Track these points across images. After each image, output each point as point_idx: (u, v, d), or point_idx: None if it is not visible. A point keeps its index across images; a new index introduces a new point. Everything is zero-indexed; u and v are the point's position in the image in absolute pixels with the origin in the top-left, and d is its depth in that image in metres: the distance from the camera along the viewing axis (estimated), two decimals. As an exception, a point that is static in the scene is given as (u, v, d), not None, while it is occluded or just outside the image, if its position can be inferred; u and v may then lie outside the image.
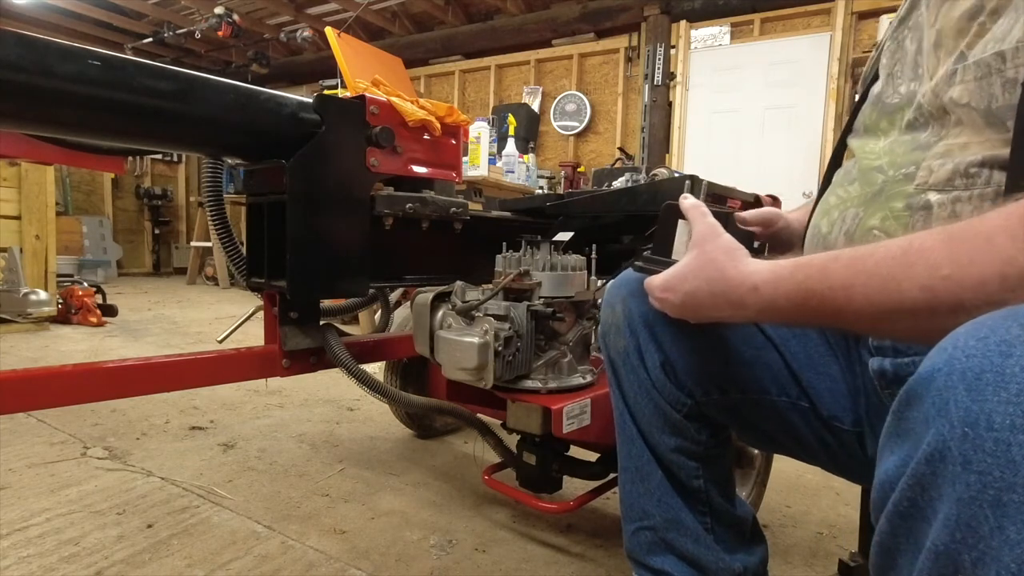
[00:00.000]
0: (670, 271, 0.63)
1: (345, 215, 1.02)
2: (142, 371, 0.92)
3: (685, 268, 0.61)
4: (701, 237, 0.61)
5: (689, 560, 0.77)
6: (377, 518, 1.27)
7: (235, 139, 0.96)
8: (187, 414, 1.91)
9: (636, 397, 0.78)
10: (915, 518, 0.37)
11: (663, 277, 0.63)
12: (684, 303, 0.61)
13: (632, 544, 0.81)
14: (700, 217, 0.64)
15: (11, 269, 3.09)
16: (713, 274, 0.58)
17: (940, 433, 0.34)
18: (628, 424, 0.79)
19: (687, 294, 0.60)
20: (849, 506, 1.43)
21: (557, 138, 5.34)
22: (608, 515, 1.34)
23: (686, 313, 0.62)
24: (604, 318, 0.80)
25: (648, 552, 0.79)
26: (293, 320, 1.08)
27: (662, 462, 0.77)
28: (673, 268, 0.62)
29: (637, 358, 0.76)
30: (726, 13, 4.42)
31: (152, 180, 7.70)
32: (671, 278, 0.62)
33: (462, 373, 0.95)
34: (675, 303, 0.62)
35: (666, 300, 0.63)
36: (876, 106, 0.69)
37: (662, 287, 0.63)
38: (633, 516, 0.80)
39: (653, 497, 0.78)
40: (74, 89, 0.73)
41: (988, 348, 0.34)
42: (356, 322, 3.30)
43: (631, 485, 0.80)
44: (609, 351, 0.80)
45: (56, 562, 1.05)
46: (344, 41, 2.61)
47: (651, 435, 0.77)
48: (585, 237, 1.39)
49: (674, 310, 0.63)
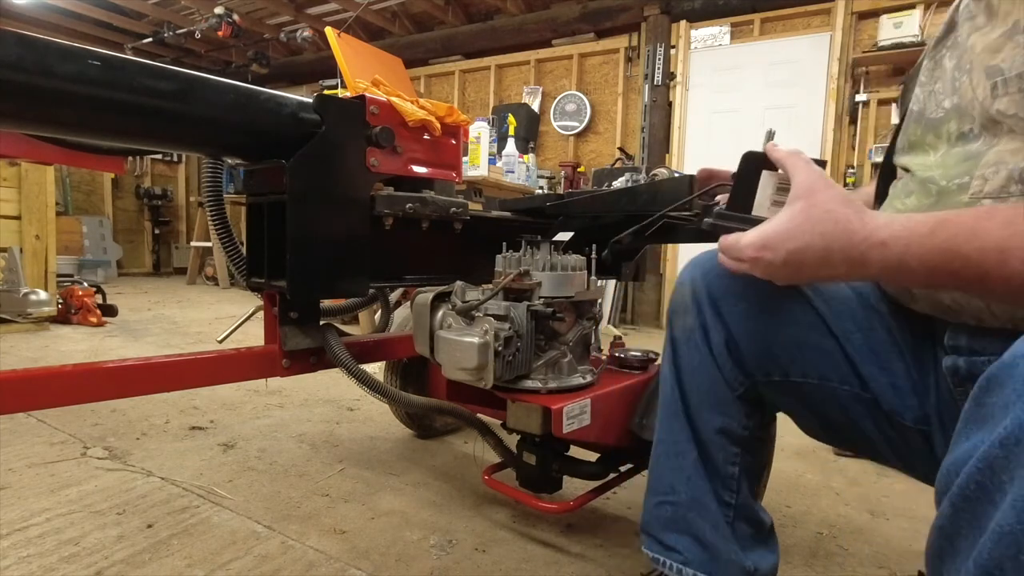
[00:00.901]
0: (767, 227, 0.56)
1: (345, 215, 1.02)
2: (142, 371, 0.92)
3: (790, 222, 0.55)
4: (808, 187, 0.55)
5: (703, 544, 0.78)
6: (377, 518, 1.27)
7: (235, 139, 0.96)
8: (187, 414, 1.91)
9: (692, 374, 0.79)
10: (981, 500, 0.37)
11: (758, 234, 0.56)
12: (787, 261, 0.55)
13: (650, 516, 0.83)
14: (803, 165, 0.57)
15: (11, 269, 3.09)
16: (830, 228, 0.53)
17: (1018, 417, 0.35)
18: (676, 401, 0.81)
19: (792, 252, 0.54)
20: (849, 506, 1.43)
21: (557, 138, 5.34)
22: (608, 515, 1.34)
23: (784, 273, 0.57)
24: (674, 297, 0.83)
25: (664, 527, 0.81)
26: (293, 320, 1.08)
27: (701, 443, 0.79)
28: (772, 223, 0.56)
29: (701, 335, 0.77)
30: (726, 13, 4.41)
31: (152, 180, 7.70)
32: (770, 235, 0.55)
33: (462, 373, 0.95)
34: (774, 262, 0.56)
35: (761, 260, 0.56)
36: (920, 123, 0.68)
37: (758, 245, 0.56)
38: (659, 490, 0.82)
39: (683, 474, 0.79)
40: (74, 89, 0.73)
41: None
42: (356, 322, 3.30)
43: (664, 459, 0.82)
44: (673, 330, 0.82)
45: (56, 562, 1.05)
46: (344, 41, 2.61)
47: (698, 414, 0.79)
48: (585, 237, 1.39)
49: (769, 270, 0.57)
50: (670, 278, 4.62)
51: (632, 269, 1.50)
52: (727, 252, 0.60)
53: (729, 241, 0.60)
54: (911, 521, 1.37)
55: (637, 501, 1.40)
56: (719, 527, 0.78)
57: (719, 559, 0.78)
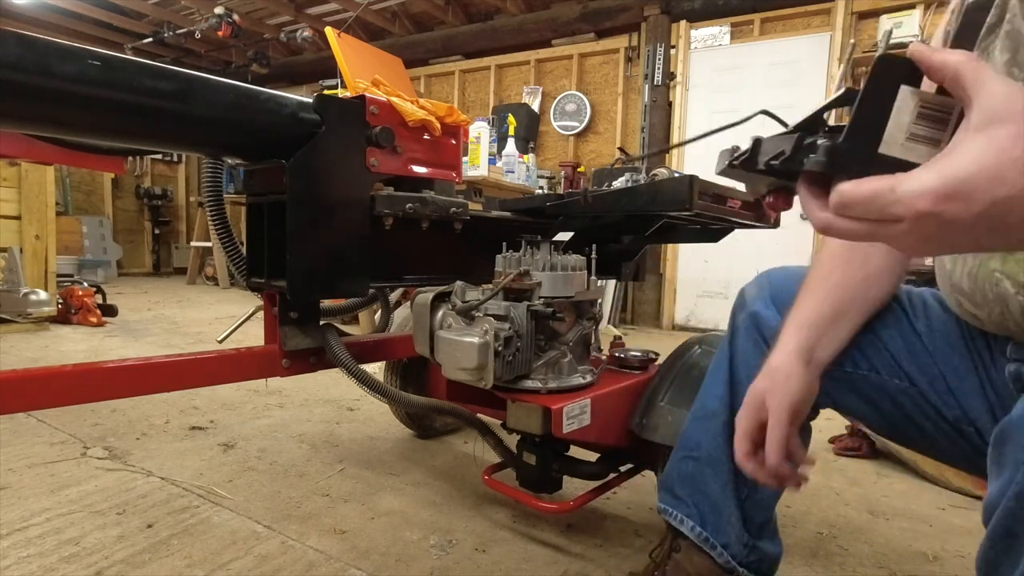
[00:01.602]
0: (953, 164, 0.37)
1: (345, 215, 1.02)
2: (142, 371, 0.92)
3: (997, 156, 0.36)
4: (1018, 107, 0.36)
5: (710, 500, 0.83)
6: (377, 518, 1.27)
7: (235, 139, 0.96)
8: (187, 414, 1.91)
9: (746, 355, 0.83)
10: (1012, 540, 0.41)
11: (938, 176, 0.37)
12: (985, 216, 0.36)
13: (671, 470, 0.88)
14: (992, 74, 0.38)
15: (11, 269, 3.09)
16: None
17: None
18: (724, 373, 0.86)
19: (995, 203, 0.36)
20: (849, 506, 1.43)
21: (557, 138, 5.34)
22: (608, 515, 1.34)
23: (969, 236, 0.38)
24: (740, 296, 0.87)
25: (681, 481, 0.86)
26: (293, 320, 1.08)
27: (734, 411, 0.80)
28: (960, 159, 0.37)
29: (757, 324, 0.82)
30: (726, 13, 4.41)
31: (152, 180, 7.70)
32: (964, 175, 0.36)
33: (462, 373, 0.95)
34: (961, 219, 0.37)
35: (941, 215, 0.37)
36: None
37: (941, 192, 0.36)
38: (686, 447, 0.87)
39: (710, 433, 0.84)
40: (74, 89, 0.73)
41: None
42: (356, 322, 3.30)
43: (697, 421, 0.87)
44: (735, 320, 0.86)
45: (56, 562, 1.05)
46: (344, 41, 2.61)
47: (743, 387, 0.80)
48: (585, 237, 1.39)
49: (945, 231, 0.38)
50: (670, 278, 4.62)
51: (632, 269, 1.50)
52: (865, 205, 0.39)
53: (873, 188, 0.39)
54: (911, 521, 1.37)
55: (637, 501, 1.40)
56: (726, 489, 0.82)
57: (720, 517, 0.82)
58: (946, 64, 0.39)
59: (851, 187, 0.40)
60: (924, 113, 0.41)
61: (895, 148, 0.41)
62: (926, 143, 0.41)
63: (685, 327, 4.60)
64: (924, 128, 0.41)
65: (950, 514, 1.42)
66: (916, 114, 0.41)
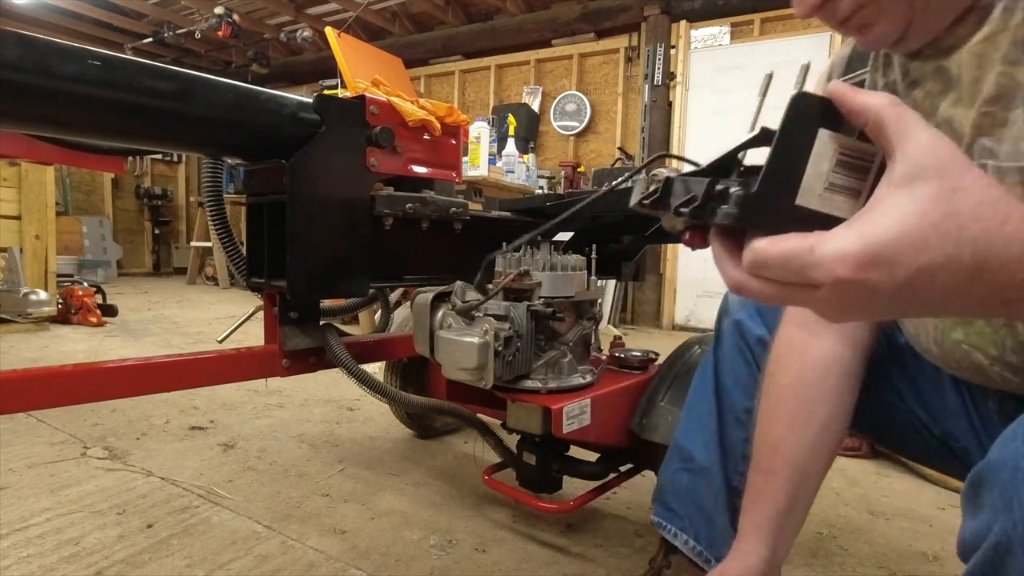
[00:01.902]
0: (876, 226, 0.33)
1: (345, 215, 1.02)
2: (142, 371, 0.92)
3: (920, 219, 0.32)
4: (942, 160, 0.33)
5: (704, 513, 0.83)
6: (377, 518, 1.27)
7: (235, 139, 0.96)
8: (187, 414, 1.91)
9: (730, 362, 0.83)
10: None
11: (860, 240, 0.33)
12: (909, 285, 0.33)
13: (666, 482, 0.88)
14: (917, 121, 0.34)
15: (11, 269, 3.09)
16: (990, 234, 0.32)
17: (1005, 528, 0.38)
18: (710, 381, 0.86)
19: (919, 271, 0.33)
20: (849, 506, 1.43)
21: (557, 138, 5.34)
22: (608, 515, 1.34)
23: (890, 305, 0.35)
24: (724, 301, 0.87)
25: (675, 494, 0.86)
26: (293, 320, 1.08)
27: (723, 419, 0.84)
28: (883, 221, 0.33)
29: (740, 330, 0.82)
30: (726, 13, 4.41)
31: (152, 180, 7.70)
32: (888, 240, 0.32)
33: (462, 373, 0.95)
34: (884, 287, 0.33)
35: (863, 283, 0.33)
36: None
37: (865, 258, 0.33)
38: (680, 457, 0.87)
39: (702, 444, 0.85)
40: (74, 89, 0.73)
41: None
42: (356, 322, 3.30)
43: (688, 433, 0.87)
44: (720, 325, 0.86)
45: (56, 562, 1.05)
46: (344, 41, 2.61)
47: (729, 395, 0.83)
48: (585, 237, 1.39)
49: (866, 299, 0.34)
50: (670, 278, 4.62)
51: (632, 269, 1.50)
52: (780, 267, 0.35)
53: (789, 249, 0.35)
54: (911, 521, 1.37)
55: (637, 501, 1.40)
56: (720, 500, 0.82)
57: (714, 530, 0.82)
58: (867, 108, 0.35)
59: (766, 245, 0.36)
60: (844, 161, 0.37)
61: (813, 199, 0.37)
62: (846, 194, 0.37)
63: (685, 327, 4.60)
64: (844, 177, 0.37)
65: (950, 514, 1.42)
66: (835, 161, 0.37)
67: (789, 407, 0.70)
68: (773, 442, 0.70)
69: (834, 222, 0.36)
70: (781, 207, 0.37)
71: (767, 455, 0.70)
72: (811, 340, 0.70)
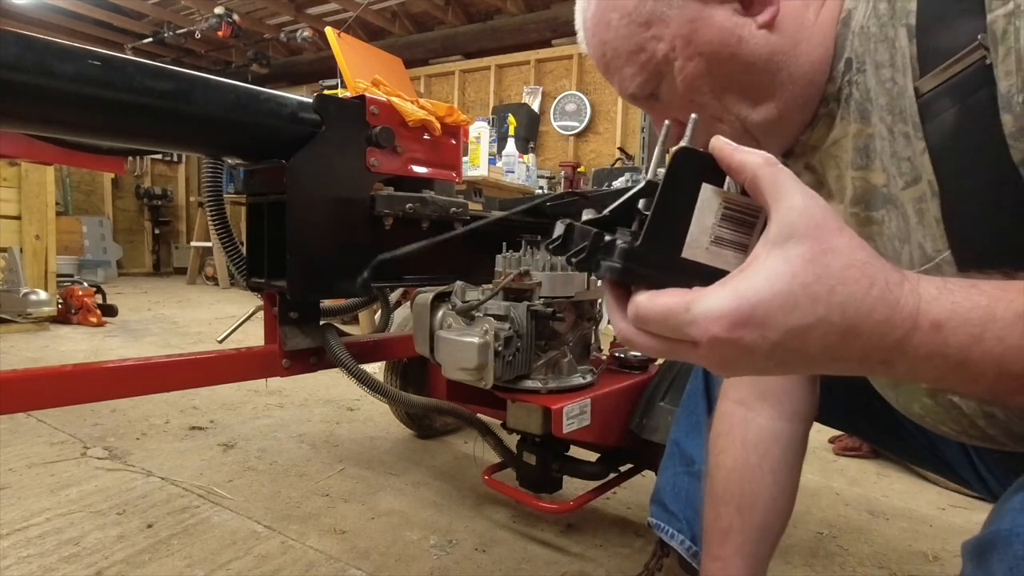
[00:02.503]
0: (748, 285, 0.33)
1: (345, 215, 1.02)
2: (142, 371, 0.92)
3: (791, 281, 0.33)
4: (813, 222, 0.34)
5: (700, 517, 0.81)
6: (377, 518, 1.27)
7: (235, 139, 0.96)
8: (187, 414, 1.91)
9: None
10: None
11: (733, 299, 0.33)
12: (780, 346, 0.34)
13: (665, 484, 0.88)
14: (793, 183, 0.35)
15: (11, 269, 3.09)
16: (859, 296, 0.33)
17: None
18: (699, 383, 0.86)
19: (793, 332, 0.33)
20: (849, 506, 1.44)
21: (557, 138, 5.34)
22: (608, 515, 1.34)
23: (765, 364, 0.35)
24: None
25: (675, 496, 0.86)
26: (293, 320, 1.08)
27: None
28: (755, 281, 0.33)
29: None
30: (726, 13, 4.42)
31: (152, 180, 7.70)
32: (758, 300, 0.33)
33: (462, 373, 0.95)
34: (758, 347, 0.34)
35: (737, 342, 0.34)
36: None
37: (736, 318, 0.33)
38: (682, 460, 0.87)
39: (700, 446, 0.83)
40: (74, 89, 0.73)
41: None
42: (356, 322, 3.30)
43: (688, 436, 0.87)
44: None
45: (56, 562, 1.05)
46: (344, 41, 2.61)
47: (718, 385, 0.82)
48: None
49: (741, 358, 0.35)
50: (670, 278, 4.61)
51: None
52: (660, 322, 0.35)
53: (667, 306, 0.35)
54: (911, 521, 1.37)
55: (637, 501, 1.40)
56: None
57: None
58: (744, 166, 0.35)
59: (645, 300, 0.36)
60: (728, 215, 0.37)
61: (699, 253, 0.37)
62: (732, 248, 0.37)
63: None
64: (729, 232, 0.37)
65: (950, 514, 1.42)
66: (720, 216, 0.37)
67: (735, 492, 0.69)
68: (724, 528, 0.70)
69: (721, 275, 0.36)
70: (666, 260, 0.36)
71: (718, 542, 0.70)
72: (749, 416, 0.70)
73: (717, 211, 0.37)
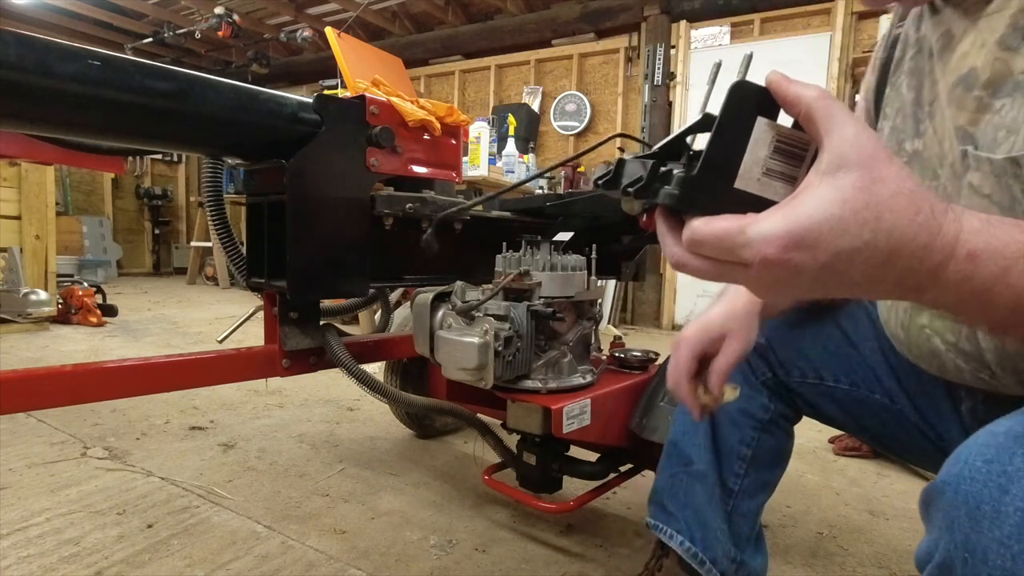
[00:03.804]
0: (800, 211, 0.35)
1: (345, 215, 1.02)
2: (142, 371, 0.92)
3: (842, 207, 0.34)
4: (865, 152, 0.35)
5: (698, 515, 0.82)
6: (377, 518, 1.27)
7: (235, 139, 0.96)
8: (187, 414, 1.91)
9: None
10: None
11: (785, 223, 0.35)
12: (828, 267, 0.35)
13: (663, 485, 0.87)
14: (846, 115, 0.36)
15: (11, 269, 3.09)
16: (904, 221, 0.35)
17: (947, 549, 0.39)
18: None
19: (842, 254, 0.35)
20: (849, 506, 1.43)
21: (557, 138, 5.34)
22: (608, 515, 1.34)
23: (812, 285, 0.37)
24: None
25: (673, 496, 0.85)
26: (293, 320, 1.08)
27: (715, 421, 0.83)
28: (808, 207, 0.35)
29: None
30: (726, 13, 4.41)
31: (152, 180, 7.70)
32: (811, 224, 0.34)
33: (462, 373, 0.95)
34: (806, 268, 0.35)
35: (787, 263, 0.35)
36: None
37: (788, 240, 0.35)
38: (679, 460, 0.86)
39: (698, 448, 0.84)
40: (74, 89, 0.73)
41: (989, 478, 0.37)
42: (356, 322, 3.30)
43: (684, 435, 0.86)
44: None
45: (56, 562, 1.05)
46: (344, 41, 2.60)
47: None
48: (585, 237, 1.39)
49: (788, 279, 0.36)
50: (670, 278, 4.61)
51: (632, 269, 1.50)
52: (714, 245, 0.37)
53: (723, 229, 0.37)
54: (911, 521, 1.37)
55: (637, 501, 1.40)
56: (713, 501, 0.82)
57: (708, 532, 0.82)
58: (799, 99, 0.37)
59: (701, 225, 0.38)
60: (780, 148, 0.39)
61: (751, 183, 0.39)
62: (782, 180, 0.39)
63: (685, 327, 4.60)
64: (780, 164, 0.39)
65: (950, 514, 1.42)
66: (772, 148, 0.39)
67: None
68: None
69: (770, 205, 0.37)
70: (720, 190, 0.38)
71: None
72: None
73: (770, 143, 0.38)
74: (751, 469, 0.83)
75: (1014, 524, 0.34)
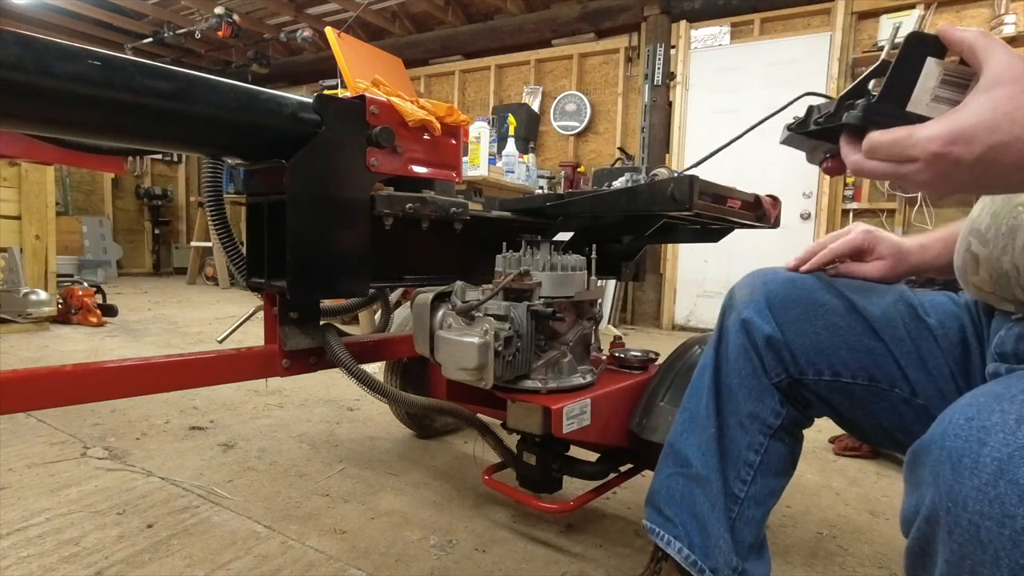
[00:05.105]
0: (959, 116, 0.47)
1: (345, 215, 1.02)
2: (142, 371, 0.92)
3: (994, 111, 0.45)
4: (1016, 72, 0.46)
5: (699, 522, 0.80)
6: (377, 518, 1.27)
7: (235, 139, 0.95)
8: (187, 414, 1.91)
9: (734, 361, 0.82)
10: (924, 557, 0.49)
11: (946, 125, 0.47)
12: (982, 159, 0.46)
13: (660, 487, 0.86)
14: (1001, 47, 0.48)
15: (11, 269, 3.09)
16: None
17: (933, 501, 0.44)
18: (709, 381, 0.84)
19: (994, 147, 0.46)
20: (849, 506, 1.43)
21: (557, 138, 5.34)
22: (608, 515, 1.34)
23: (969, 175, 0.48)
24: (730, 296, 0.86)
25: (670, 499, 0.84)
26: (293, 320, 1.08)
27: (722, 423, 0.82)
28: (965, 113, 0.47)
29: (747, 329, 0.81)
30: (726, 13, 4.41)
31: (152, 180, 7.70)
32: (966, 125, 0.46)
33: (462, 373, 0.95)
34: (964, 160, 0.46)
35: (948, 156, 0.47)
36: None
37: (947, 138, 0.47)
38: (676, 461, 0.85)
39: (699, 449, 0.82)
40: (74, 89, 0.73)
41: (970, 433, 0.42)
42: (356, 322, 3.30)
43: (684, 435, 0.85)
44: (724, 322, 0.85)
45: (56, 562, 1.05)
46: (344, 41, 2.61)
47: (732, 396, 0.82)
48: (585, 237, 1.39)
49: (950, 170, 0.48)
50: (670, 278, 4.62)
51: (632, 269, 1.50)
52: (888, 148, 0.50)
53: (895, 135, 0.50)
54: (911, 521, 1.37)
55: (637, 501, 1.40)
56: (717, 508, 0.80)
57: (709, 540, 0.79)
58: (964, 39, 0.49)
59: (878, 134, 0.51)
60: (947, 79, 0.51)
61: (921, 107, 0.51)
62: (947, 103, 0.51)
63: (685, 327, 4.60)
64: (946, 91, 0.52)
65: (950, 514, 1.42)
66: (940, 80, 0.51)
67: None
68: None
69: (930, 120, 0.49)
70: (894, 112, 0.52)
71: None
72: None
73: (938, 76, 0.51)
74: (759, 476, 0.81)
75: (991, 472, 0.39)
